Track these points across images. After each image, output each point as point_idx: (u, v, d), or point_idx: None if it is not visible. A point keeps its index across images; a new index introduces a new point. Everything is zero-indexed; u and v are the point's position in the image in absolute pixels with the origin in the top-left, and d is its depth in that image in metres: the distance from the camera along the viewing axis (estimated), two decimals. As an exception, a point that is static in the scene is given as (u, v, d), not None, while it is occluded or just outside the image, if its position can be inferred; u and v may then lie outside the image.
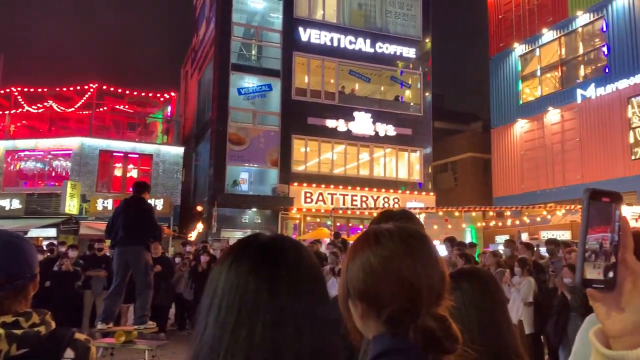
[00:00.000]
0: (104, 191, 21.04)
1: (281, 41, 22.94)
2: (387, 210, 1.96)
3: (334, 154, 23.25)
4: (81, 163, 20.86)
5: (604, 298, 0.78)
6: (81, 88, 21.72)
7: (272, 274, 0.89)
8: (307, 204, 21.93)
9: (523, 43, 22.92)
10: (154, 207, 6.96)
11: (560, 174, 20.47)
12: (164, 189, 21.64)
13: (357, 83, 24.83)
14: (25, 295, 1.37)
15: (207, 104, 24.10)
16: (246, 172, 22.37)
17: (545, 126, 21.52)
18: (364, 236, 1.06)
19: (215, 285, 0.90)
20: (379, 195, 22.87)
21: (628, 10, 18.57)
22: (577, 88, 20.17)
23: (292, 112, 22.19)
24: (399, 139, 23.69)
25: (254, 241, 0.95)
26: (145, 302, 6.27)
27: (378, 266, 0.98)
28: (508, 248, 9.34)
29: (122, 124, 24.39)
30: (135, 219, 6.26)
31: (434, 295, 0.97)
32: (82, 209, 19.88)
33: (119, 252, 6.30)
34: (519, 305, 7.11)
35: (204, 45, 25.89)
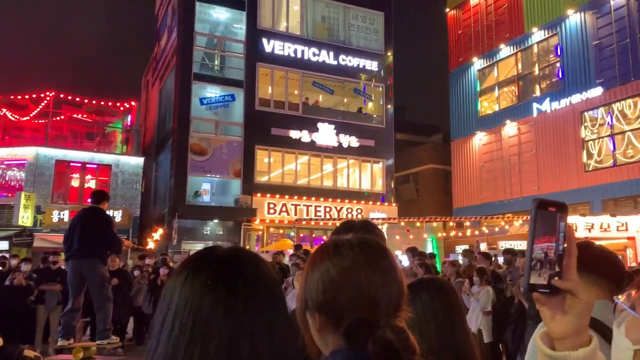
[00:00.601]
0: (60, 202, 20.39)
1: (244, 52, 22.88)
2: (347, 221, 1.97)
3: (298, 164, 23.25)
4: (36, 173, 20.18)
5: (549, 302, 0.82)
6: (37, 96, 21.08)
7: (228, 290, 0.86)
8: (270, 215, 21.81)
9: (481, 58, 23.58)
10: (112, 218, 6.76)
11: (518, 185, 21.07)
12: (123, 200, 21.16)
13: (321, 94, 24.98)
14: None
15: (169, 114, 23.75)
16: (208, 183, 22.08)
17: (503, 139, 22.14)
18: (323, 247, 1.05)
19: (169, 301, 0.87)
20: (343, 206, 22.97)
21: (580, 27, 19.39)
22: (533, 102, 20.86)
23: (256, 123, 22.12)
24: (362, 150, 23.92)
25: (210, 255, 0.93)
26: (105, 316, 6.08)
27: (337, 277, 0.97)
28: (466, 258, 9.52)
29: (80, 134, 23.76)
30: (92, 231, 6.07)
31: (392, 306, 0.96)
32: (36, 221, 19.21)
33: (74, 265, 6.09)
34: (478, 315, 7.24)
35: (166, 55, 25.57)
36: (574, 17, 19.61)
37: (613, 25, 18.19)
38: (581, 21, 19.36)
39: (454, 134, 24.77)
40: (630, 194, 17.39)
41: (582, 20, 19.32)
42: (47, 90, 21.01)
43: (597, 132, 18.67)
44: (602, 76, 18.43)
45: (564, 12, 19.90)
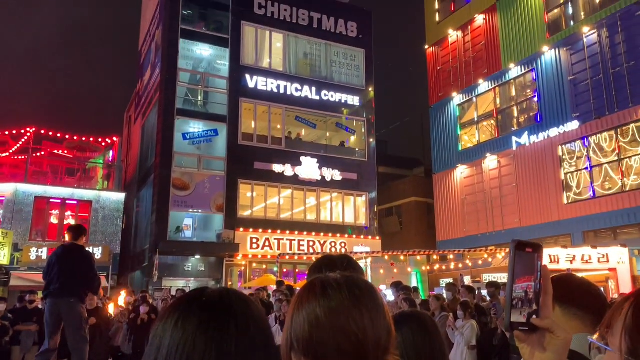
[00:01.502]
0: (39, 239, 20.00)
1: (227, 87, 23.10)
2: (327, 257, 1.94)
3: (281, 198, 23.23)
4: (14, 210, 19.83)
5: (529, 339, 0.84)
6: (17, 132, 20.92)
7: (220, 331, 0.85)
8: (253, 249, 21.62)
9: (461, 93, 24.11)
10: (92, 255, 6.62)
11: (499, 218, 21.25)
12: (103, 236, 20.83)
13: (304, 129, 25.20)
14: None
15: (151, 149, 23.68)
16: (190, 218, 21.90)
17: (484, 172, 22.44)
18: (309, 286, 1.02)
19: (159, 344, 0.85)
20: (326, 239, 22.89)
21: (555, 63, 19.99)
22: (512, 136, 21.27)
23: (239, 157, 22.15)
24: (345, 184, 24.02)
25: (200, 296, 0.91)
26: (81, 357, 5.90)
27: (324, 319, 0.94)
28: (450, 292, 9.50)
29: (61, 170, 23.53)
30: (72, 269, 5.94)
31: (380, 349, 0.94)
32: (13, 259, 18.77)
33: (52, 304, 5.93)
34: (463, 349, 7.19)
35: (149, 90, 25.66)
36: (549, 54, 20.24)
37: (587, 62, 18.80)
38: (556, 57, 19.98)
39: (436, 167, 25.06)
40: (610, 225, 17.64)
41: (557, 56, 19.94)
42: (28, 126, 20.89)
43: (576, 164, 19.04)
44: (578, 110, 18.92)
45: (540, 48, 20.54)
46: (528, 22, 21.31)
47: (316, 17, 25.57)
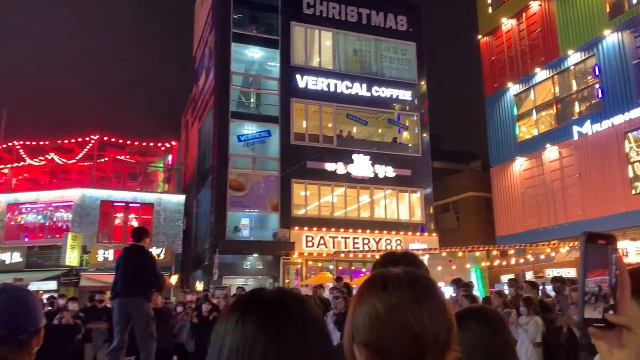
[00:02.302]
0: (105, 242, 20.94)
1: (279, 88, 23.38)
2: (390, 253, 1.92)
3: (334, 197, 23.28)
4: (82, 214, 20.85)
5: (606, 336, 0.80)
6: (83, 140, 21.95)
7: (279, 332, 0.86)
8: (308, 248, 21.79)
9: (517, 83, 23.33)
10: (155, 256, 6.86)
11: (562, 211, 20.43)
12: (165, 237, 21.55)
13: (355, 126, 25.14)
14: (29, 350, 1.36)
15: (208, 152, 24.32)
16: (247, 218, 22.34)
17: (544, 163, 21.64)
18: (371, 281, 1.03)
19: (221, 345, 0.87)
20: (381, 237, 22.75)
21: (618, 47, 19.00)
22: (573, 125, 20.39)
23: (292, 157, 22.37)
24: (398, 181, 23.78)
25: (258, 297, 0.93)
26: (149, 355, 6.11)
27: (384, 314, 0.95)
28: (512, 288, 9.22)
29: (124, 174, 24.52)
30: (136, 269, 6.17)
31: (440, 346, 0.94)
32: (83, 261, 19.73)
33: (120, 304, 6.18)
34: (528, 347, 6.97)
35: (204, 95, 26.36)
36: (611, 38, 19.26)
37: (653, 44, 17.76)
38: (619, 41, 18.99)
39: (494, 160, 24.38)
40: (684, 215, 16.60)
41: (620, 40, 18.95)
42: (92, 134, 21.89)
43: (644, 153, 18.03)
44: (644, 95, 17.91)
45: (601, 32, 19.58)
46: (587, 6, 20.35)
47: (365, 13, 25.43)
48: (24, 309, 1.36)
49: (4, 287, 1.38)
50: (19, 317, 1.34)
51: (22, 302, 1.37)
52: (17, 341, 1.32)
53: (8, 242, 21.14)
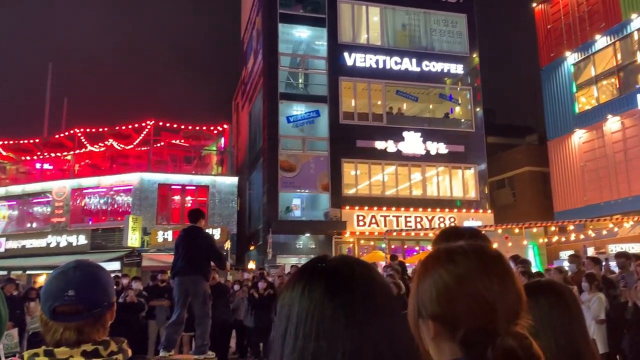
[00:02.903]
0: (164, 223, 21.69)
1: (327, 67, 23.26)
2: (452, 227, 1.89)
3: (385, 175, 23.12)
4: (141, 197, 21.64)
5: None
6: (139, 125, 22.66)
7: (347, 299, 0.85)
8: (360, 227, 21.81)
9: (575, 51, 22.24)
10: (211, 236, 7.05)
11: (625, 184, 19.49)
12: (220, 218, 22.09)
13: (405, 103, 24.75)
14: (103, 323, 1.43)
15: (258, 134, 24.62)
16: (298, 198, 22.56)
17: (605, 135, 20.64)
18: (434, 254, 1.01)
19: (288, 312, 0.87)
20: (434, 215, 22.47)
21: (687, 9, 17.74)
22: (637, 93, 19.29)
23: (341, 136, 22.32)
24: (451, 157, 23.32)
25: (324, 264, 0.92)
26: (204, 332, 6.32)
27: (452, 285, 0.93)
28: (573, 264, 8.90)
29: (179, 158, 25.21)
30: (193, 249, 6.37)
31: (511, 313, 0.92)
32: (143, 242, 20.53)
33: (179, 282, 6.40)
34: (590, 324, 6.75)
35: (253, 77, 26.59)
36: (679, -2, 17.99)
37: None
38: (688, 1, 17.72)
39: (551, 133, 23.46)
40: None
41: (690, 0, 17.67)
42: (148, 119, 22.55)
43: None
44: None
45: (668, -7, 18.31)
46: (653, -36, 19.04)
47: (413, -14, 24.80)
48: (97, 284, 1.43)
49: (78, 263, 1.45)
50: (93, 292, 1.40)
51: (95, 277, 1.44)
52: (91, 315, 1.38)
53: (74, 225, 22.28)
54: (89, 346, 1.34)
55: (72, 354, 1.32)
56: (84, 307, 1.37)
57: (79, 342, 1.36)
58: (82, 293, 1.38)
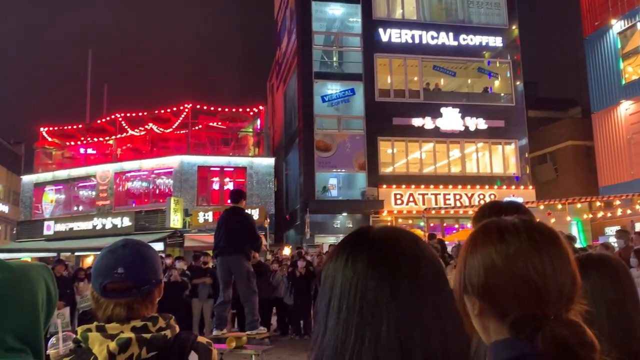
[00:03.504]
0: (204, 205, 22.11)
1: (361, 44, 22.97)
2: (493, 202, 1.80)
3: (422, 153, 22.84)
4: (182, 179, 22.07)
5: None
6: (177, 109, 23.00)
7: (392, 270, 0.83)
8: (397, 205, 21.70)
9: (621, 19, 21.22)
10: (252, 216, 7.14)
11: (677, 157, 18.66)
12: (258, 199, 22.34)
13: (442, 78, 24.27)
14: (152, 300, 1.46)
15: (294, 114, 24.64)
16: (335, 178, 22.56)
17: (654, 106, 19.74)
18: (484, 229, 0.97)
19: (332, 284, 0.85)
20: (473, 192, 22.12)
21: None
22: (689, 61, 18.33)
23: (377, 114, 22.10)
24: (491, 132, 22.81)
25: (368, 235, 0.89)
26: (252, 308, 6.43)
27: (501, 265, 0.89)
28: (621, 239, 8.62)
29: (217, 140, 25.53)
30: (235, 229, 6.45)
31: (564, 298, 0.88)
32: (185, 223, 21.00)
33: (222, 261, 6.53)
34: None
35: (287, 57, 26.53)
36: None
37: None
38: None
39: (595, 105, 22.60)
40: None
41: None
42: (185, 103, 22.87)
43: None
44: None
45: None
46: None
47: (449, -43, 24.08)
48: (145, 262, 1.46)
49: (126, 242, 1.48)
50: (142, 270, 1.44)
51: (144, 255, 1.47)
52: (140, 292, 1.42)
53: (118, 207, 22.98)
54: (138, 322, 1.38)
55: (123, 329, 1.36)
56: (133, 284, 1.40)
57: (128, 318, 1.39)
58: (131, 270, 1.41)
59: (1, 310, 1.51)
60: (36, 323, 1.58)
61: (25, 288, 1.56)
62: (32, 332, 1.57)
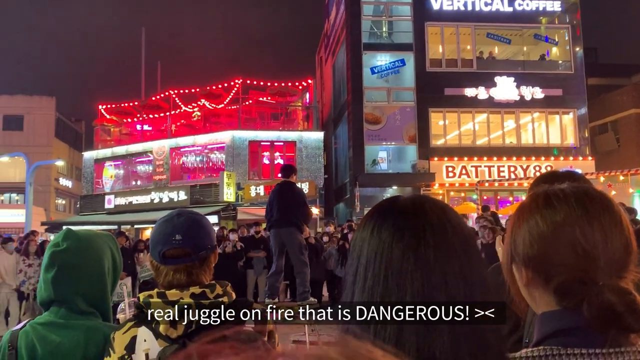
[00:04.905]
0: (256, 179, 22.51)
1: (412, 13, 22.42)
2: (550, 172, 1.76)
3: (476, 124, 22.27)
4: (234, 154, 22.50)
5: None
6: (228, 85, 23.32)
7: (417, 239, 0.82)
8: (449, 178, 21.35)
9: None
10: (302, 190, 7.27)
11: None
12: (308, 173, 22.51)
13: (497, 46, 23.42)
14: (209, 265, 1.53)
15: (342, 87, 24.48)
16: (384, 151, 22.40)
17: None
18: (532, 197, 0.95)
19: (359, 253, 0.86)
20: (529, 164, 21.45)
21: None
22: None
23: (428, 85, 21.64)
24: (547, 102, 21.93)
25: (394, 204, 0.89)
26: (304, 280, 6.62)
27: (548, 232, 0.88)
28: (688, 212, 8.20)
29: (266, 115, 25.77)
30: (287, 202, 6.60)
31: (614, 265, 0.85)
32: (238, 196, 21.49)
33: (275, 234, 6.72)
34: None
35: (336, 30, 26.26)
36: None
37: None
38: None
39: (663, 70, 21.27)
40: None
41: None
42: (236, 78, 23.14)
43: None
44: None
45: None
46: None
47: None
48: (200, 228, 1.52)
49: (180, 211, 1.55)
50: (197, 236, 1.50)
51: (199, 222, 1.54)
52: (198, 257, 1.48)
53: (174, 182, 23.74)
54: (197, 289, 1.44)
55: (182, 295, 1.42)
56: (191, 250, 1.47)
57: (188, 283, 1.46)
58: (188, 237, 1.47)
59: (71, 275, 1.62)
60: (104, 288, 1.69)
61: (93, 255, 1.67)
62: (100, 296, 1.68)
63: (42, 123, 37.64)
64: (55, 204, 40.36)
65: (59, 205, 41.57)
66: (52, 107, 38.98)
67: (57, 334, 1.57)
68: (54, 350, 1.56)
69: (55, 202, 40.49)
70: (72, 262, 1.63)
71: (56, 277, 1.60)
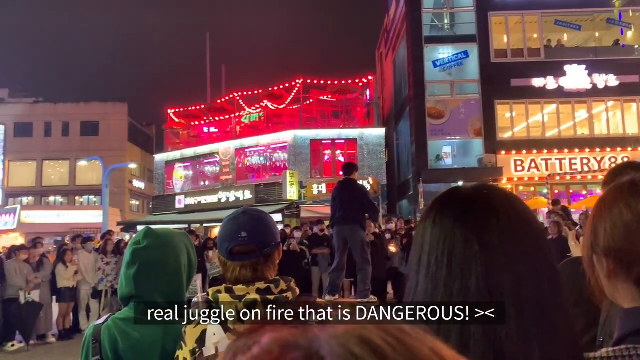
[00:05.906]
0: (318, 177, 22.70)
1: (474, 4, 21.80)
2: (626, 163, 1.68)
3: (545, 115, 21.37)
4: (296, 153, 22.81)
5: None
6: (289, 85, 23.66)
7: (480, 224, 0.82)
8: (518, 172, 20.62)
9: None
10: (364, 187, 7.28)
11: None
12: (370, 170, 22.43)
13: (566, 33, 22.35)
14: (273, 261, 1.58)
15: (404, 82, 24.19)
16: (448, 146, 21.94)
17: None
18: (616, 186, 0.92)
19: (422, 242, 0.87)
20: (603, 155, 20.35)
21: None
22: None
23: (493, 77, 20.97)
24: (623, 89, 20.70)
25: (457, 193, 0.90)
26: (365, 277, 6.62)
27: (631, 221, 0.84)
28: None
29: (327, 113, 25.92)
30: (349, 200, 6.63)
31: None
32: (300, 195, 21.75)
33: (338, 231, 6.77)
34: None
35: (396, 24, 25.98)
36: None
37: None
38: None
39: None
40: None
41: None
42: (297, 78, 23.42)
43: None
44: None
45: None
46: None
47: None
48: (264, 226, 1.58)
49: (245, 209, 1.61)
50: (262, 233, 1.56)
51: (263, 220, 1.59)
52: (262, 254, 1.54)
53: (239, 181, 24.39)
54: (262, 284, 1.49)
55: (249, 291, 1.48)
56: (256, 247, 1.52)
57: (254, 279, 1.51)
58: (253, 234, 1.53)
59: (152, 272, 1.72)
60: (180, 285, 1.78)
61: (171, 253, 1.76)
62: (177, 292, 1.77)
63: (116, 128, 39.68)
64: (130, 205, 42.41)
65: (133, 206, 43.67)
66: (125, 113, 40.99)
67: (137, 330, 1.67)
68: (135, 345, 1.66)
69: (130, 203, 42.54)
70: (153, 259, 1.72)
71: (138, 273, 1.70)
